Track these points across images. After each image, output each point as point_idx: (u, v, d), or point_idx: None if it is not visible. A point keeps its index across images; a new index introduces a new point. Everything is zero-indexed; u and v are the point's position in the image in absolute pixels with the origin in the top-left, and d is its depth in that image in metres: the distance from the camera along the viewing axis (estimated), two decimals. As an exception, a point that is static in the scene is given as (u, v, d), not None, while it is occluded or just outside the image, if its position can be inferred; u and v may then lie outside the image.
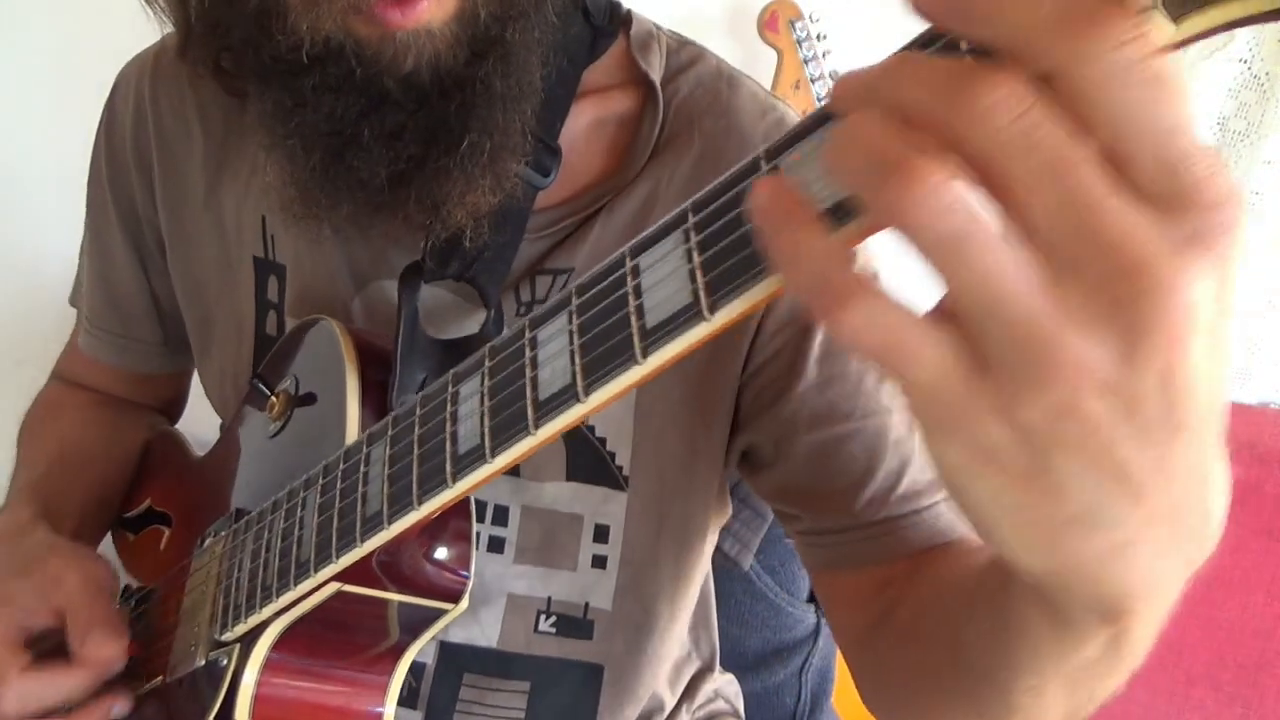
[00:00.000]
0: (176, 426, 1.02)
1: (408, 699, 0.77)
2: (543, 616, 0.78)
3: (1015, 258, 0.27)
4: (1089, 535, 0.31)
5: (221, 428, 0.88)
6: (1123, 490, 0.29)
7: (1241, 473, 1.14)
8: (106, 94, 0.89)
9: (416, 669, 0.77)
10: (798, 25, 1.57)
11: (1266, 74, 1.59)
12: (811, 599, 1.12)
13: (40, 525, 0.79)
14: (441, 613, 0.65)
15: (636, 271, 0.38)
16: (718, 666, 0.98)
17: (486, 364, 0.45)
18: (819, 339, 0.72)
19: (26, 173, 1.64)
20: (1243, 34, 1.56)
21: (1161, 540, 0.31)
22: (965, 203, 0.27)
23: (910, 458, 0.71)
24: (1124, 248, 0.26)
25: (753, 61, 1.67)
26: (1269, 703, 1.66)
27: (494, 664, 0.78)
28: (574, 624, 0.79)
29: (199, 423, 1.04)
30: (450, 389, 0.48)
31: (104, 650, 0.68)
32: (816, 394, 0.71)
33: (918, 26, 0.30)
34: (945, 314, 0.29)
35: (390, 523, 0.49)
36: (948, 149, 0.27)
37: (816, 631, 1.12)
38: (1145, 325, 0.27)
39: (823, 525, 0.73)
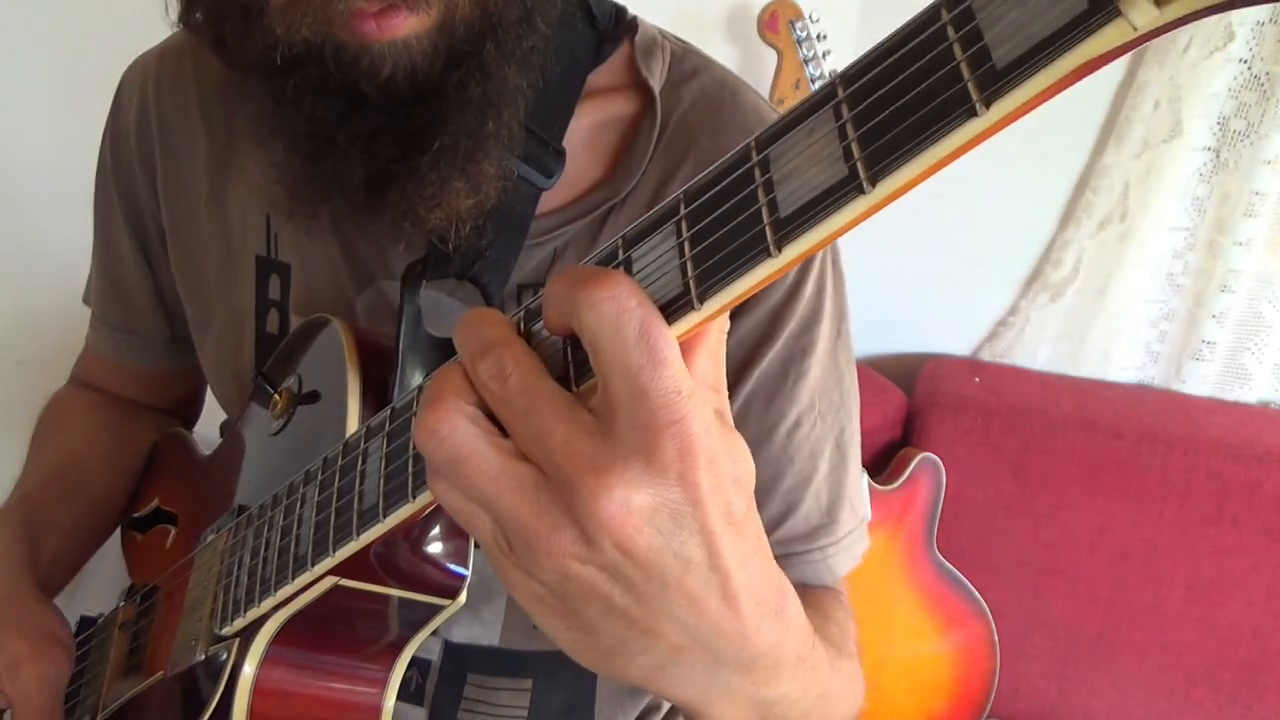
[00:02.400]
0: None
1: (414, 695, 0.78)
2: None
3: (495, 482, 0.37)
4: (628, 659, 0.41)
5: (223, 426, 0.89)
6: (635, 629, 0.39)
7: (1241, 473, 1.15)
8: (112, 95, 0.89)
9: (423, 666, 0.78)
10: (798, 25, 1.57)
11: (1266, 74, 1.59)
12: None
13: (15, 556, 0.80)
14: (440, 608, 0.65)
15: (629, 264, 0.38)
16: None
17: None
18: (748, 389, 0.74)
19: (30, 173, 1.65)
20: (1242, 34, 1.56)
21: (696, 664, 0.41)
22: (442, 447, 0.38)
23: (796, 507, 0.76)
24: (566, 467, 0.36)
25: (753, 62, 1.68)
26: (1269, 703, 1.66)
27: (497, 663, 0.79)
28: None
29: (204, 423, 1.05)
30: None
31: None
32: None
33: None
34: None
35: (385, 516, 0.49)
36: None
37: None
38: (586, 520, 0.36)
39: None
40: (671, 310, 0.36)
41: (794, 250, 0.33)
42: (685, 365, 0.37)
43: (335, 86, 0.64)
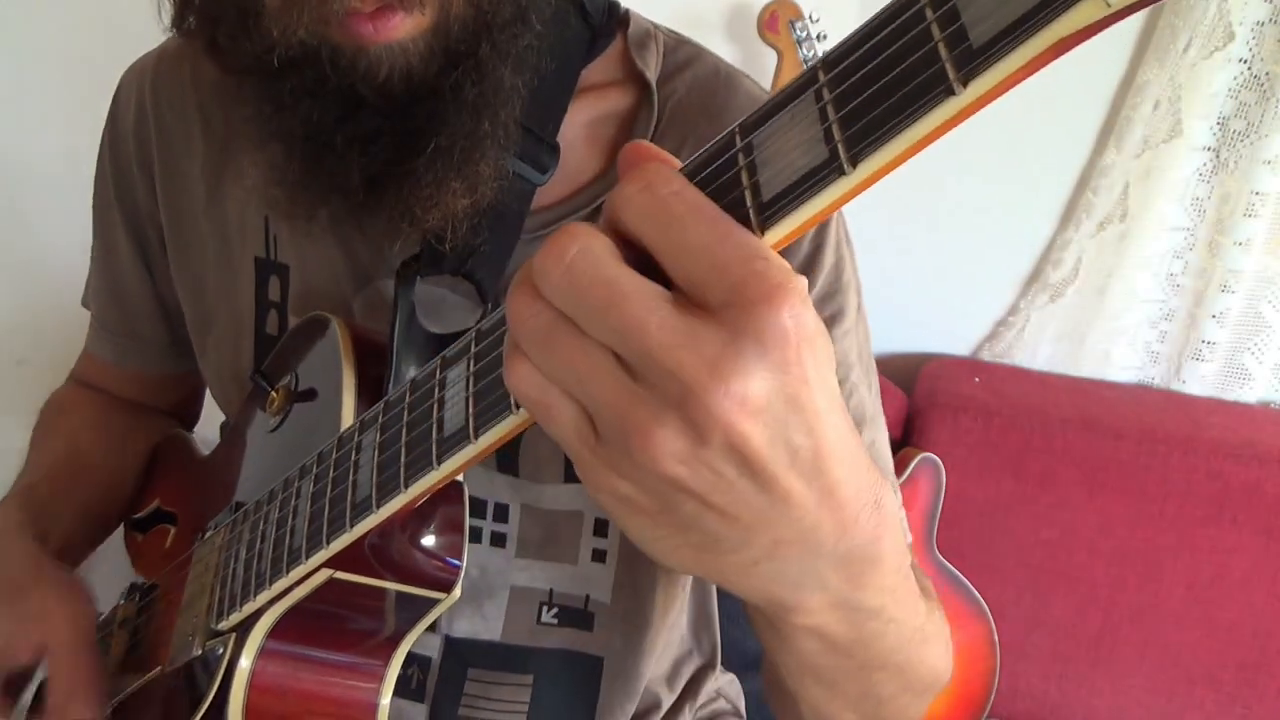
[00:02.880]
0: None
1: (414, 692, 0.78)
2: (545, 608, 0.79)
3: (594, 360, 0.34)
4: (721, 556, 0.39)
5: (223, 426, 0.89)
6: (735, 526, 0.37)
7: (1241, 473, 1.15)
8: (111, 96, 0.89)
9: (422, 662, 0.78)
10: (798, 25, 1.57)
11: (1266, 74, 1.59)
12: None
13: (26, 535, 0.79)
14: (435, 602, 0.65)
15: None
16: (719, 665, 0.99)
17: (473, 349, 0.46)
18: None
19: (30, 174, 1.65)
20: (1242, 34, 1.56)
21: (793, 557, 0.39)
22: (540, 316, 0.34)
23: None
24: (666, 361, 0.32)
25: (753, 61, 1.68)
26: (1269, 703, 1.66)
27: (498, 657, 0.79)
28: (575, 615, 0.79)
29: (204, 424, 1.05)
30: (439, 374, 0.48)
31: (84, 715, 0.69)
32: None
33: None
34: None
35: (379, 506, 0.50)
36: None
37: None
38: (698, 416, 0.32)
39: None
40: None
41: (777, 233, 0.33)
42: None
43: (332, 89, 0.64)
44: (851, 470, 0.37)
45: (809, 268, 0.74)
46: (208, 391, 0.97)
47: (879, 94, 0.30)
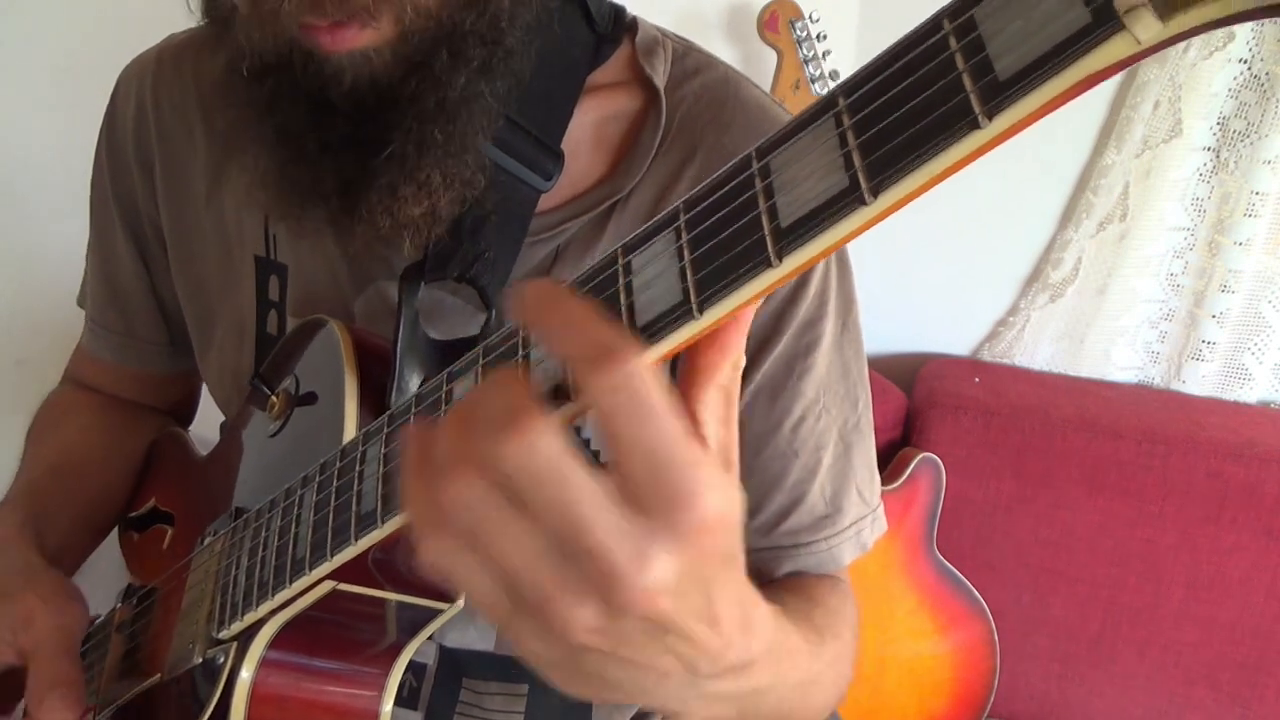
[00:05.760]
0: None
1: (409, 699, 0.78)
2: None
3: (527, 546, 0.35)
4: (615, 689, 0.42)
5: (223, 427, 0.89)
6: (629, 668, 0.40)
7: (1241, 473, 1.15)
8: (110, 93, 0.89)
9: (418, 669, 0.78)
10: (798, 25, 1.57)
11: (1266, 74, 1.59)
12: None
13: (24, 539, 0.79)
14: (437, 612, 0.65)
15: (629, 270, 0.38)
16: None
17: (481, 362, 0.45)
18: (753, 386, 0.75)
19: (28, 173, 1.65)
20: (1242, 34, 1.56)
21: (681, 681, 0.42)
22: (481, 504, 0.35)
23: (801, 499, 0.77)
24: (605, 557, 0.34)
25: (753, 61, 1.68)
26: (1269, 703, 1.66)
27: (492, 667, 0.79)
28: None
29: (202, 422, 1.05)
30: (444, 388, 0.48)
31: (56, 717, 0.68)
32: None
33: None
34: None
35: (384, 521, 0.49)
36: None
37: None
38: (618, 600, 0.35)
39: None
40: (671, 319, 0.36)
41: (795, 260, 0.32)
42: (694, 405, 0.36)
43: (305, 94, 0.64)
44: (727, 609, 0.40)
45: (794, 295, 0.74)
46: (205, 391, 0.96)
47: (901, 123, 0.29)
